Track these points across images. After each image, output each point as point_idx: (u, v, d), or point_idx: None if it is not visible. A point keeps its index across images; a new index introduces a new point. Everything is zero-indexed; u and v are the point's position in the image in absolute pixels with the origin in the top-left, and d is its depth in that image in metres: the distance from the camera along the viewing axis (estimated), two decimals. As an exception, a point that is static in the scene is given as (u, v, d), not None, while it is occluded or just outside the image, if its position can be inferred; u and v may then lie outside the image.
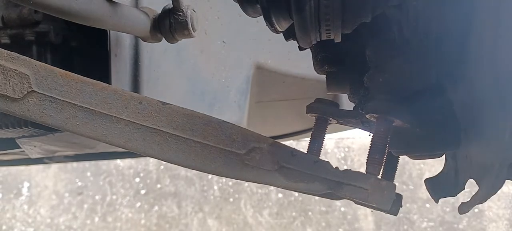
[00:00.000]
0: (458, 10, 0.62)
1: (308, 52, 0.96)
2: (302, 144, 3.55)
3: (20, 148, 1.24)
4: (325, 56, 0.88)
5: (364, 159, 0.81)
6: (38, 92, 0.65)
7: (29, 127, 1.21)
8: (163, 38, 1.04)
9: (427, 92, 0.69)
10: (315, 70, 0.93)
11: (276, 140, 0.73)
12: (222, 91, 1.50)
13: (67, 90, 0.67)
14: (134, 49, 1.13)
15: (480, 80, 0.59)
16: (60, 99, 0.66)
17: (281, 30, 0.79)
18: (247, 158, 0.70)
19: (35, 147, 1.19)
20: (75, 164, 4.02)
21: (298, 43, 0.79)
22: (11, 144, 1.25)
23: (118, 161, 4.04)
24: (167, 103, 0.70)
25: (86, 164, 4.04)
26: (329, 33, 0.71)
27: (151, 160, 3.95)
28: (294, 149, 0.73)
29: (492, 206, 3.70)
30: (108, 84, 0.70)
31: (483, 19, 0.58)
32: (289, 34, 0.83)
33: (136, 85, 1.13)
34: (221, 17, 1.43)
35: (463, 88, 0.65)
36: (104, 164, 4.06)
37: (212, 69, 1.45)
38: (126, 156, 1.91)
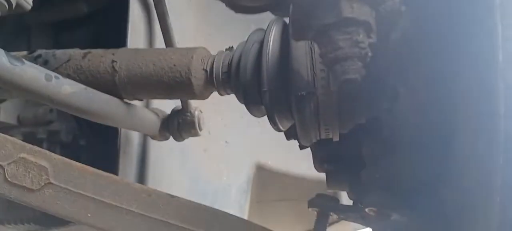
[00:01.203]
0: (440, 116, 0.67)
1: (307, 153, 1.01)
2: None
3: (20, 244, 1.24)
4: (324, 155, 0.93)
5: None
6: (54, 184, 0.69)
7: (31, 224, 1.22)
8: (171, 137, 1.10)
9: (421, 188, 0.72)
10: (315, 168, 0.98)
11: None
12: (224, 190, 1.53)
13: (82, 182, 0.71)
14: (142, 147, 1.18)
15: (464, 181, 0.63)
16: (74, 191, 0.70)
17: (283, 129, 0.85)
18: (251, 250, 0.72)
19: (36, 243, 1.18)
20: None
21: (299, 142, 0.85)
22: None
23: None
24: (175, 196, 0.73)
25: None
26: (328, 132, 0.77)
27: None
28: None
29: None
30: (120, 177, 0.74)
31: (464, 121, 0.63)
32: (290, 134, 0.89)
33: (142, 182, 1.17)
34: (225, 118, 1.51)
35: (451, 188, 0.69)
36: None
37: (214, 168, 1.49)
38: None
